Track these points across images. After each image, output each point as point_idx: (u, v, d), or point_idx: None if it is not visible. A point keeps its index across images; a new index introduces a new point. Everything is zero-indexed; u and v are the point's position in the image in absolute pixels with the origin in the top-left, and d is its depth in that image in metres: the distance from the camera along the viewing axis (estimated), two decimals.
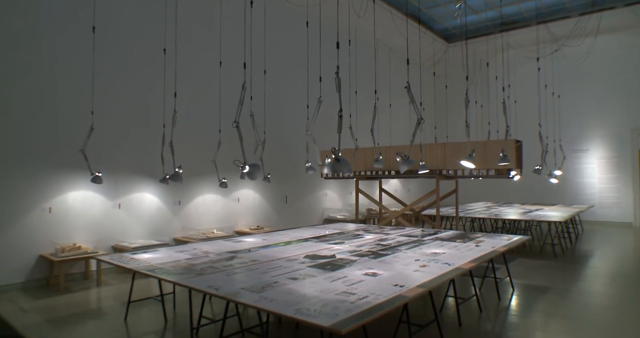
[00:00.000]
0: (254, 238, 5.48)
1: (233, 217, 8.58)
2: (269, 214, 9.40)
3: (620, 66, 12.93)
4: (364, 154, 8.19)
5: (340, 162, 3.03)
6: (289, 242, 5.01)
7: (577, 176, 13.62)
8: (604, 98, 13.20)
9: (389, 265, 3.56)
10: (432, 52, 14.18)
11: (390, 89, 12.60)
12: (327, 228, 6.43)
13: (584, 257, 7.90)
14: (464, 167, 6.59)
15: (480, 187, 14.46)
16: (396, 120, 12.76)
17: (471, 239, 5.05)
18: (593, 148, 13.48)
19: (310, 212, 10.56)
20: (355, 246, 4.64)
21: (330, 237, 5.41)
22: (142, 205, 7.08)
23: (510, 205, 11.54)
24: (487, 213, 9.24)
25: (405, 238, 5.19)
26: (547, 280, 5.98)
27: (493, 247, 4.46)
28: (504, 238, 5.16)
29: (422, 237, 5.35)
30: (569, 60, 13.18)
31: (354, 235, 5.62)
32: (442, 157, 7.17)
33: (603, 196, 13.19)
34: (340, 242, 4.99)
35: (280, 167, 9.41)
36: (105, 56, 6.58)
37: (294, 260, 3.85)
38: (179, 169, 4.23)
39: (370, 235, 5.52)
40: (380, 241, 5.02)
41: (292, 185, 9.95)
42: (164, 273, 3.37)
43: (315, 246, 4.70)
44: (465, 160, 4.71)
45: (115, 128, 6.73)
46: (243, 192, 8.80)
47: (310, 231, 6.12)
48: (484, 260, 3.82)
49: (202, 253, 4.29)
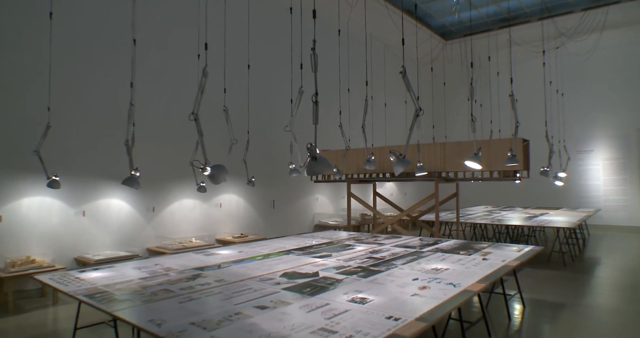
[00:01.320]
0: (229, 250, 4.86)
1: (214, 225, 7.95)
2: (255, 221, 8.78)
3: (626, 63, 12.44)
4: (356, 155, 7.60)
5: (318, 162, 2.44)
6: (268, 255, 4.40)
7: (582, 178, 13.09)
8: (609, 96, 12.70)
9: (382, 287, 2.96)
10: (430, 48, 13.65)
11: (386, 88, 12.05)
12: (315, 237, 5.82)
13: (595, 265, 7.34)
14: (469, 169, 6.02)
15: (479, 190, 13.91)
16: (392, 120, 12.20)
17: (476, 251, 4.45)
18: (598, 149, 12.96)
19: (299, 218, 9.95)
20: (344, 260, 4.04)
21: (316, 249, 4.81)
22: (110, 212, 6.44)
23: (512, 209, 10.98)
24: (490, 218, 8.66)
25: (402, 250, 4.60)
26: (559, 294, 5.40)
27: (503, 260, 3.87)
28: (512, 249, 4.58)
29: (420, 248, 4.75)
30: (572, 57, 12.68)
31: (343, 245, 5.02)
32: (442, 157, 6.59)
33: (609, 199, 12.67)
34: (327, 255, 4.38)
35: (267, 169, 8.80)
36: (64, 45, 5.95)
37: (268, 280, 3.24)
38: (135, 172, 3.63)
39: (362, 246, 4.92)
40: (373, 253, 4.42)
41: (280, 189, 9.35)
42: (104, 300, 2.75)
43: (298, 260, 4.09)
44: (471, 161, 4.14)
45: (78, 126, 6.11)
46: (225, 196, 8.18)
47: (295, 241, 5.51)
48: (495, 279, 3.23)
49: (162, 271, 3.67)
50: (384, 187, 13.03)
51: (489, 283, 3.04)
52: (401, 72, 3.34)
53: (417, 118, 3.35)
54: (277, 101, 9.06)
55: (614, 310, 4.84)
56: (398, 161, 3.57)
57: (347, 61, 8.52)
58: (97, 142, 6.29)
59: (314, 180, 8.38)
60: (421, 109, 3.32)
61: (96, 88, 6.34)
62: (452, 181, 6.74)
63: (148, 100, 6.77)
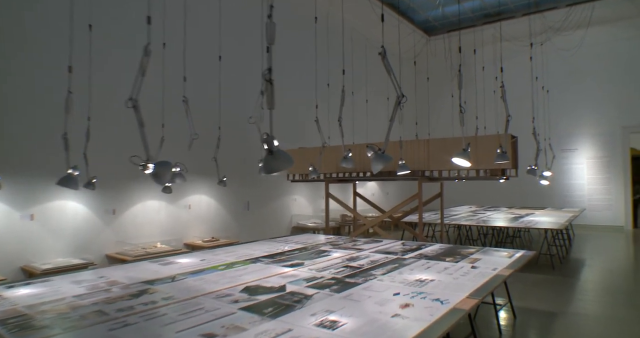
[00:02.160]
0: (191, 257, 4.38)
1: (182, 228, 7.43)
2: (227, 223, 8.28)
3: (611, 60, 12.33)
4: (335, 153, 7.18)
5: (275, 156, 2.01)
6: (232, 264, 3.94)
7: (566, 177, 12.95)
8: (594, 94, 12.58)
9: (357, 306, 2.53)
10: (412, 43, 13.33)
11: (367, 84, 11.68)
12: (288, 242, 5.38)
13: (583, 267, 7.08)
14: (454, 167, 5.65)
15: (463, 190, 13.65)
16: (373, 117, 11.82)
17: (464, 257, 4.07)
18: (582, 147, 12.84)
19: (276, 219, 9.49)
20: (317, 270, 3.61)
21: (288, 256, 4.36)
22: (63, 215, 5.88)
23: (497, 209, 10.73)
24: (475, 219, 8.35)
25: (382, 257, 4.19)
26: (551, 301, 5.07)
27: (494, 269, 3.49)
28: (503, 254, 4.21)
29: (402, 254, 4.35)
30: (558, 53, 12.52)
31: (318, 252, 4.58)
32: (425, 155, 6.22)
33: (593, 198, 12.55)
34: (299, 263, 3.94)
35: (241, 168, 8.32)
36: None
37: (226, 297, 2.79)
38: (73, 171, 3.14)
39: (339, 252, 4.49)
40: (350, 261, 3.99)
41: (255, 189, 8.86)
42: (16, 328, 2.26)
43: (265, 270, 3.64)
44: (459, 157, 3.75)
45: (21, 119, 5.53)
46: (194, 197, 7.67)
47: (267, 246, 5.06)
48: (487, 293, 2.84)
49: (104, 285, 3.18)
50: (365, 187, 12.66)
51: (481, 299, 2.64)
52: (380, 53, 2.92)
53: (400, 108, 2.93)
54: (252, 95, 8.57)
55: (609, 317, 4.52)
56: (377, 157, 3.15)
57: (326, 54, 8.09)
58: (45, 138, 5.71)
59: (290, 179, 7.93)
60: (404, 95, 2.91)
61: (45, 74, 5.77)
62: (436, 180, 6.38)
63: (109, 89, 6.21)
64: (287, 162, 1.98)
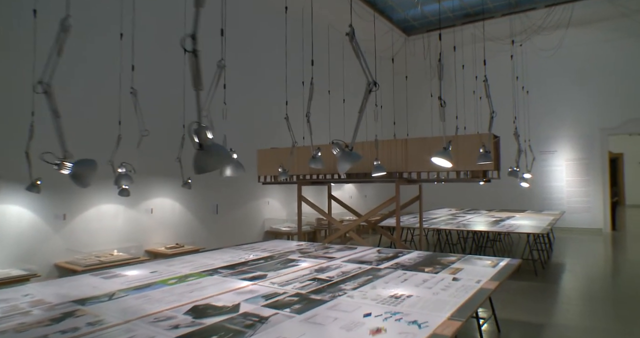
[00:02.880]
0: (141, 269, 3.92)
1: (143, 234, 6.92)
2: (194, 228, 7.79)
3: (591, 62, 12.30)
4: (307, 154, 6.79)
5: (207, 152, 1.60)
6: (186, 277, 3.49)
7: (545, 180, 12.87)
8: (573, 96, 12.54)
9: (320, 332, 2.14)
10: (391, 42, 13.06)
11: (344, 83, 11.33)
12: (255, 250, 4.96)
13: (566, 273, 6.87)
14: (433, 168, 5.33)
15: (442, 192, 13.44)
16: (351, 118, 11.47)
17: (444, 266, 3.73)
18: (561, 149, 12.78)
19: (247, 224, 9.04)
20: (280, 284, 3.20)
21: (251, 266, 3.94)
22: (5, 221, 5.31)
23: (477, 212, 10.51)
24: (455, 223, 8.07)
25: (355, 267, 3.81)
26: (536, 312, 4.78)
27: (478, 281, 3.14)
28: (486, 263, 3.89)
29: (377, 263, 3.98)
30: (537, 54, 12.44)
31: (285, 261, 4.17)
32: (403, 156, 5.89)
33: (572, 201, 12.49)
34: (261, 275, 3.53)
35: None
36: None
37: (166, 321, 2.35)
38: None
39: (308, 262, 4.09)
40: (319, 272, 3.60)
41: (225, 192, 8.40)
42: None
43: (220, 284, 3.21)
44: (440, 157, 3.39)
45: None
46: (157, 201, 7.16)
47: (230, 254, 4.63)
48: (472, 312, 2.48)
49: (26, 306, 2.70)
50: (342, 190, 12.30)
51: (464, 321, 2.28)
52: (347, 33, 2.54)
53: (371, 91, 2.56)
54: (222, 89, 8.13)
55: (595, 330, 4.25)
56: (343, 155, 2.77)
57: (302, 51, 7.70)
58: None
59: (261, 181, 7.49)
60: (376, 83, 2.54)
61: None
62: (415, 183, 6.06)
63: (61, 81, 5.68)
64: (221, 159, 1.59)
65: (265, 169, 7.43)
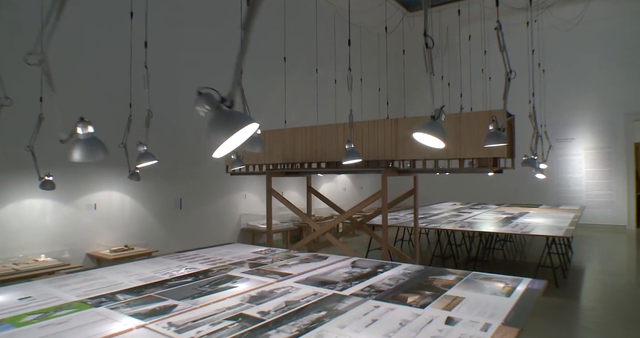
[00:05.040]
0: (11, 292, 2.84)
1: (84, 234, 5.88)
2: (151, 227, 6.74)
3: (616, 38, 11.02)
4: (281, 138, 5.71)
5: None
6: (54, 311, 2.41)
7: (562, 171, 11.70)
8: (594, 77, 11.30)
9: None
10: (391, 17, 11.83)
11: (336, 62, 10.17)
12: (196, 259, 3.89)
13: (593, 283, 5.75)
14: (436, 155, 4.21)
15: (444, 184, 12.32)
16: (343, 100, 10.33)
17: (436, 293, 2.62)
18: (580, 137, 11.58)
19: (220, 221, 7.97)
20: (184, 324, 2.12)
21: (168, 288, 2.86)
22: None
23: (484, 207, 9.38)
24: (458, 221, 6.96)
25: (309, 292, 2.72)
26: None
27: (486, 327, 2.04)
28: (496, 287, 2.78)
29: (344, 284, 2.88)
30: (555, 30, 11.17)
31: (221, 280, 3.09)
32: (393, 141, 4.76)
33: (592, 194, 11.32)
34: (168, 307, 2.45)
35: (171, 158, 6.77)
36: None
37: None
38: None
39: (249, 283, 3.00)
40: (254, 302, 2.51)
41: (192, 184, 7.33)
42: None
43: (94, 325, 2.14)
44: (425, 132, 2.21)
45: None
46: (102, 195, 6.10)
47: (159, 265, 3.58)
48: None
49: None
50: (334, 181, 11.20)
51: None
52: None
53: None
54: (185, 66, 7.01)
55: None
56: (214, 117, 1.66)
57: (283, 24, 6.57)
58: None
59: (229, 172, 6.41)
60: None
61: None
62: (407, 173, 4.94)
63: None
64: None
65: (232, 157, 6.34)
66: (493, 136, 2.96)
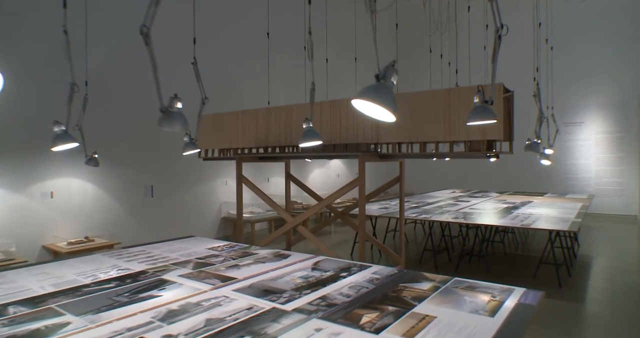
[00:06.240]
0: None
1: (38, 225, 5.40)
2: (117, 217, 6.26)
3: (631, 16, 10.25)
4: (254, 119, 5.17)
5: None
6: None
7: (569, 156, 11.07)
8: (607, 55, 10.57)
9: None
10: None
11: (328, 40, 9.51)
12: (139, 257, 3.39)
13: (602, 283, 5.21)
14: (423, 137, 3.67)
15: (443, 170, 11.73)
16: (335, 79, 9.70)
17: (404, 309, 2.10)
18: (590, 120, 10.93)
19: (198, 209, 7.48)
20: None
21: (74, 297, 2.37)
22: None
23: (485, 196, 8.82)
24: (453, 211, 6.41)
25: (243, 306, 2.20)
26: None
27: None
28: (480, 301, 2.24)
29: (291, 295, 2.36)
30: (565, 3, 10.41)
31: (148, 286, 2.58)
32: (374, 121, 4.20)
33: (601, 182, 10.71)
34: (55, 328, 1.95)
35: (141, 141, 6.25)
36: None
37: None
38: None
39: (179, 290, 2.49)
40: (170, 320, 2.00)
41: (165, 170, 6.83)
42: None
43: None
44: (366, 98, 1.56)
45: None
46: (59, 182, 5.61)
47: (91, 265, 3.10)
48: None
49: None
50: (326, 167, 10.65)
51: None
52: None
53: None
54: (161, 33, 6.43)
55: None
56: None
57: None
58: None
59: (202, 157, 5.89)
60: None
61: None
62: (389, 158, 4.38)
63: None
64: None
65: (207, 141, 5.82)
66: (479, 111, 2.39)
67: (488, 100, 2.39)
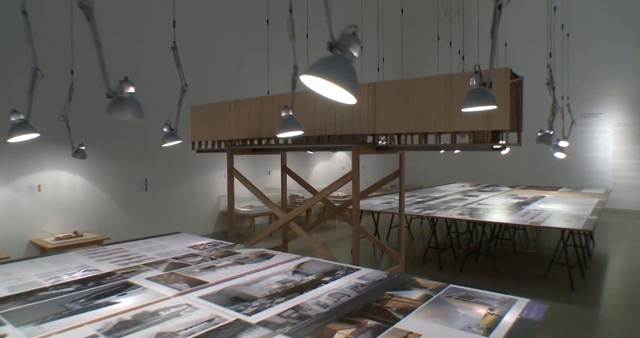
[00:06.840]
0: None
1: (25, 219, 5.25)
2: (109, 211, 6.08)
3: None
4: (247, 109, 4.91)
5: None
6: None
7: (585, 149, 10.63)
8: (627, 42, 10.05)
9: None
10: None
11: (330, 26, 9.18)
12: (115, 255, 3.18)
13: (619, 286, 4.87)
14: (424, 128, 3.38)
15: (453, 163, 11.36)
16: None
17: (385, 325, 1.84)
18: (608, 111, 10.45)
19: (195, 203, 7.29)
20: None
21: (22, 305, 2.15)
22: None
23: (495, 190, 8.47)
24: (460, 206, 6.10)
25: (209, 314, 1.97)
26: None
27: None
28: (476, 314, 1.97)
29: (262, 302, 2.12)
30: None
31: (110, 289, 2.37)
32: (370, 110, 3.91)
33: (620, 176, 10.26)
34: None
35: (134, 133, 6.05)
36: None
37: None
38: None
39: (136, 298, 2.26)
40: (116, 334, 1.77)
41: (160, 163, 6.63)
42: None
43: None
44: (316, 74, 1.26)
45: None
46: (47, 175, 5.43)
47: (52, 267, 2.90)
48: None
49: None
50: (331, 159, 10.38)
51: None
52: None
53: None
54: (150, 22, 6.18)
55: None
56: None
57: None
58: None
59: (195, 149, 5.66)
60: None
61: None
62: (386, 150, 4.09)
63: None
64: None
65: (200, 132, 5.59)
66: (475, 95, 2.10)
67: (486, 82, 2.09)
